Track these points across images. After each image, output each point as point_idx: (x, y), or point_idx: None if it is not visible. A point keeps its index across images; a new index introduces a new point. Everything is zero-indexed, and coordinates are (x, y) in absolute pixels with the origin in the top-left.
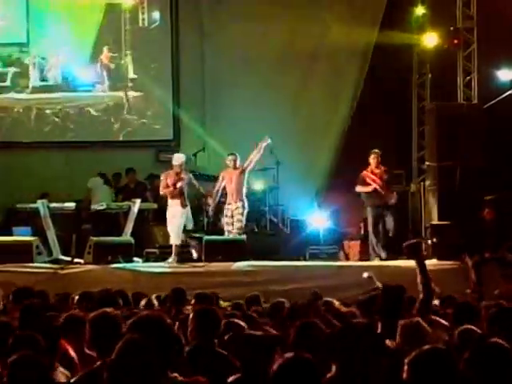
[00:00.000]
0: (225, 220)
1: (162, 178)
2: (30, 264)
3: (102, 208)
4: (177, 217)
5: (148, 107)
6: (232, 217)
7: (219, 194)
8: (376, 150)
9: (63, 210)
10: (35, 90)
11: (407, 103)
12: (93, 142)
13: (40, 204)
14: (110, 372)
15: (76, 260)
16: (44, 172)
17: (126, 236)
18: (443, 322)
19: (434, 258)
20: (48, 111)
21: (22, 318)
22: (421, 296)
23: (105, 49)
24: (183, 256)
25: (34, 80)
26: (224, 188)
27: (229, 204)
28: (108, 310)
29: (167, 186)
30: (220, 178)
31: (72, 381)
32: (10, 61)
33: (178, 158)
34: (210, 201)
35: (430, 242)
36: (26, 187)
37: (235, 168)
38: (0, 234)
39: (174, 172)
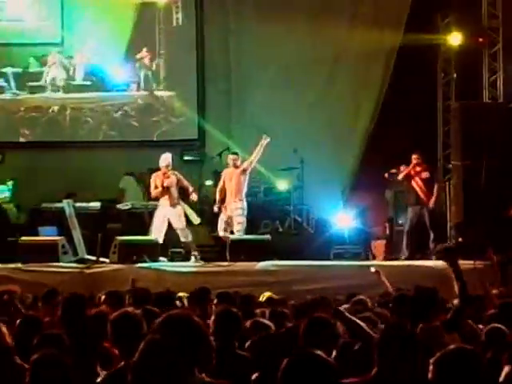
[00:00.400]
0: (222, 219)
1: (151, 180)
2: (56, 264)
3: (127, 208)
4: (182, 215)
5: (174, 107)
6: (230, 217)
7: (222, 193)
8: (417, 151)
9: (88, 209)
10: (70, 89)
11: (432, 102)
12: (119, 141)
13: (65, 204)
14: (134, 373)
15: (101, 259)
16: (70, 171)
17: (152, 235)
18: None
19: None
20: (83, 111)
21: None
22: (456, 302)
23: (144, 49)
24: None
25: (69, 79)
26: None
27: (227, 204)
28: (129, 309)
29: (156, 187)
30: (222, 177)
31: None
32: (45, 60)
33: (165, 159)
34: (194, 197)
35: (454, 241)
36: (51, 187)
37: (236, 167)
38: (26, 233)
39: (162, 173)
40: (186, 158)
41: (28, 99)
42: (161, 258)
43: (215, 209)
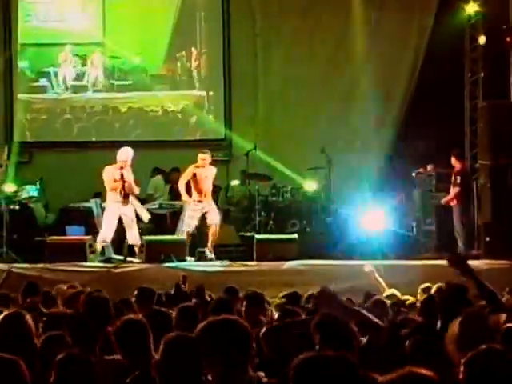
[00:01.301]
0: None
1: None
2: (84, 263)
3: (154, 207)
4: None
5: (203, 106)
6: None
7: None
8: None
9: None
10: (112, 88)
11: (459, 102)
12: (147, 141)
13: (93, 203)
14: (160, 372)
15: (129, 259)
16: (98, 171)
17: (178, 235)
18: None
19: (486, 258)
20: (122, 110)
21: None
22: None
23: (193, 48)
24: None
25: (110, 79)
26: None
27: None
28: (132, 316)
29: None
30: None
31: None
32: (87, 60)
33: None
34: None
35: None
36: (79, 187)
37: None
38: (54, 233)
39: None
40: (213, 158)
41: (70, 99)
42: (187, 258)
43: None
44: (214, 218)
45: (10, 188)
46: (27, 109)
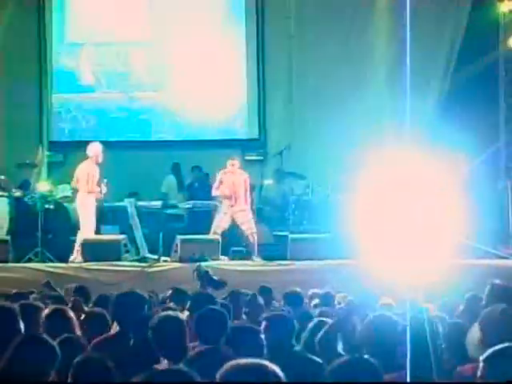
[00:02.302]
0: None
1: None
2: (118, 262)
3: (188, 206)
4: None
5: (238, 106)
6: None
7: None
8: None
9: (150, 208)
10: (157, 88)
11: (494, 100)
12: (180, 141)
13: (128, 203)
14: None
15: (163, 258)
16: (133, 170)
17: (211, 234)
18: None
19: None
20: (166, 110)
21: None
22: None
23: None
24: None
25: (153, 79)
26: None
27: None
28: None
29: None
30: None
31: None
32: (134, 60)
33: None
34: None
35: None
36: (114, 186)
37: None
38: None
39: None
40: (247, 157)
41: (116, 98)
42: (221, 257)
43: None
44: (252, 227)
45: (44, 188)
46: (65, 108)
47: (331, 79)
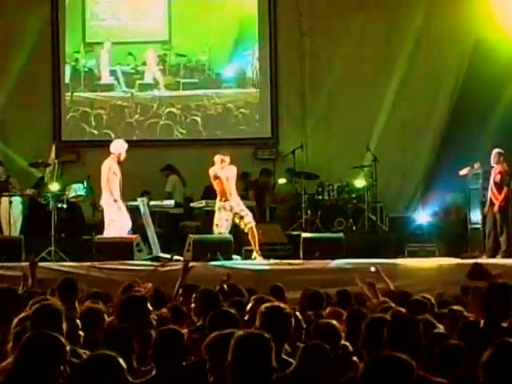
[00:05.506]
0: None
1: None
2: (131, 261)
3: (201, 206)
4: None
5: (250, 104)
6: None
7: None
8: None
9: (163, 207)
10: (177, 87)
11: (509, 100)
12: (191, 140)
13: (140, 202)
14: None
15: (175, 257)
16: (145, 170)
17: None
18: None
19: None
20: (187, 108)
21: None
22: None
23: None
24: None
25: (175, 77)
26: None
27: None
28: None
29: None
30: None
31: None
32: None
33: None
34: None
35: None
36: (126, 185)
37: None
38: (101, 231)
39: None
40: (259, 156)
41: (135, 97)
42: (234, 256)
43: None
44: (251, 221)
45: (57, 187)
46: (78, 107)
47: (344, 78)
